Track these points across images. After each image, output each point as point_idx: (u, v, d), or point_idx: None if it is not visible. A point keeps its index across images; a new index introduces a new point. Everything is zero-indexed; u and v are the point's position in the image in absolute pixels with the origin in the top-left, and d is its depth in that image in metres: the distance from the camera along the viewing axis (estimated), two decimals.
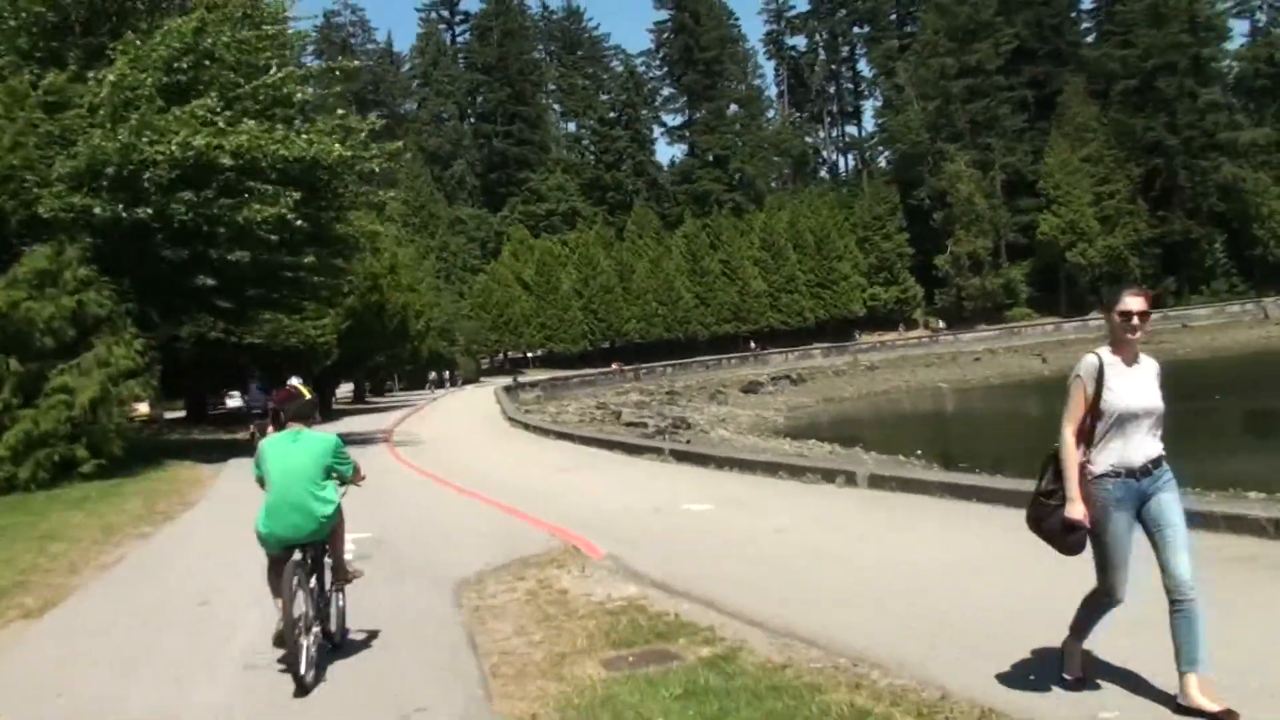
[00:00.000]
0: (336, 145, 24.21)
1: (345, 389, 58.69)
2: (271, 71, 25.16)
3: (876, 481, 13.21)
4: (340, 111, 26.83)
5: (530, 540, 10.92)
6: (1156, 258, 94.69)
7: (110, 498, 17.24)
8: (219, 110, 23.04)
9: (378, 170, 27.26)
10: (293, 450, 6.96)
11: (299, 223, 23.82)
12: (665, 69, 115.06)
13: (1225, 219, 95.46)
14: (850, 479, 13.53)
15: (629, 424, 42.23)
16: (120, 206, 22.13)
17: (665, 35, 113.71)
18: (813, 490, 13.87)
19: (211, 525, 14.21)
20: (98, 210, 21.94)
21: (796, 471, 15.30)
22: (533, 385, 65.75)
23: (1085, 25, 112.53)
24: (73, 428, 19.63)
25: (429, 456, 23.27)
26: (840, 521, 11.40)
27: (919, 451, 32.08)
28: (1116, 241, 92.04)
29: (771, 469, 16.14)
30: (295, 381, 7.79)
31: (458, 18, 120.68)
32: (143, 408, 32.26)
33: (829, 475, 14.17)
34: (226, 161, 22.20)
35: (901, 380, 71.94)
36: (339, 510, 7.09)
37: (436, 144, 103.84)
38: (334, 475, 7.12)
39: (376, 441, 29.24)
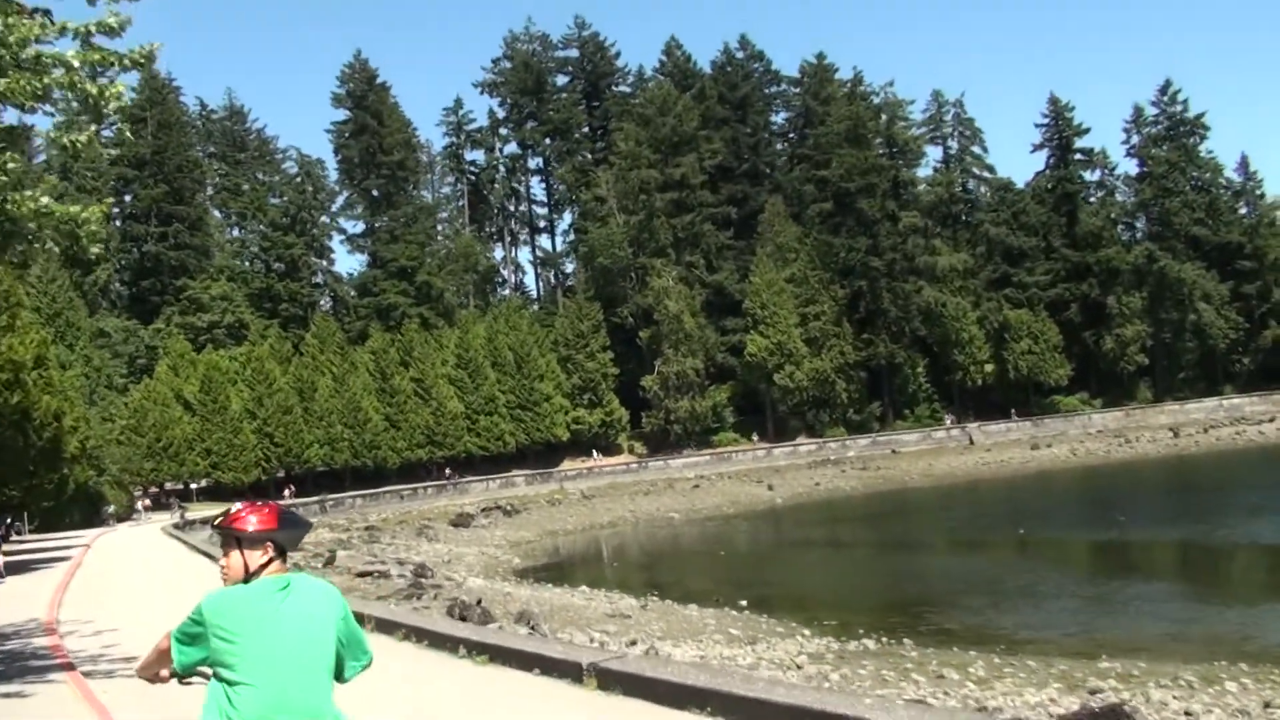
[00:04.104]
0: None
1: None
2: None
3: None
4: None
5: None
6: (863, 381, 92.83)
7: None
8: None
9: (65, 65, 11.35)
10: (286, 614, 4.02)
11: None
12: (345, 172, 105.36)
13: (926, 343, 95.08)
14: None
15: (361, 573, 32.62)
16: None
17: (345, 137, 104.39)
18: None
19: None
20: None
21: None
22: (204, 522, 54.86)
23: (779, 147, 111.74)
24: None
25: None
26: None
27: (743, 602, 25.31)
28: (824, 364, 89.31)
29: None
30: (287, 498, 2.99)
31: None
32: None
33: None
34: None
35: (624, 510, 66.14)
36: None
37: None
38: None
39: (38, 661, 14.02)
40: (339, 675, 4.25)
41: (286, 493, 72.07)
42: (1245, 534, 35.20)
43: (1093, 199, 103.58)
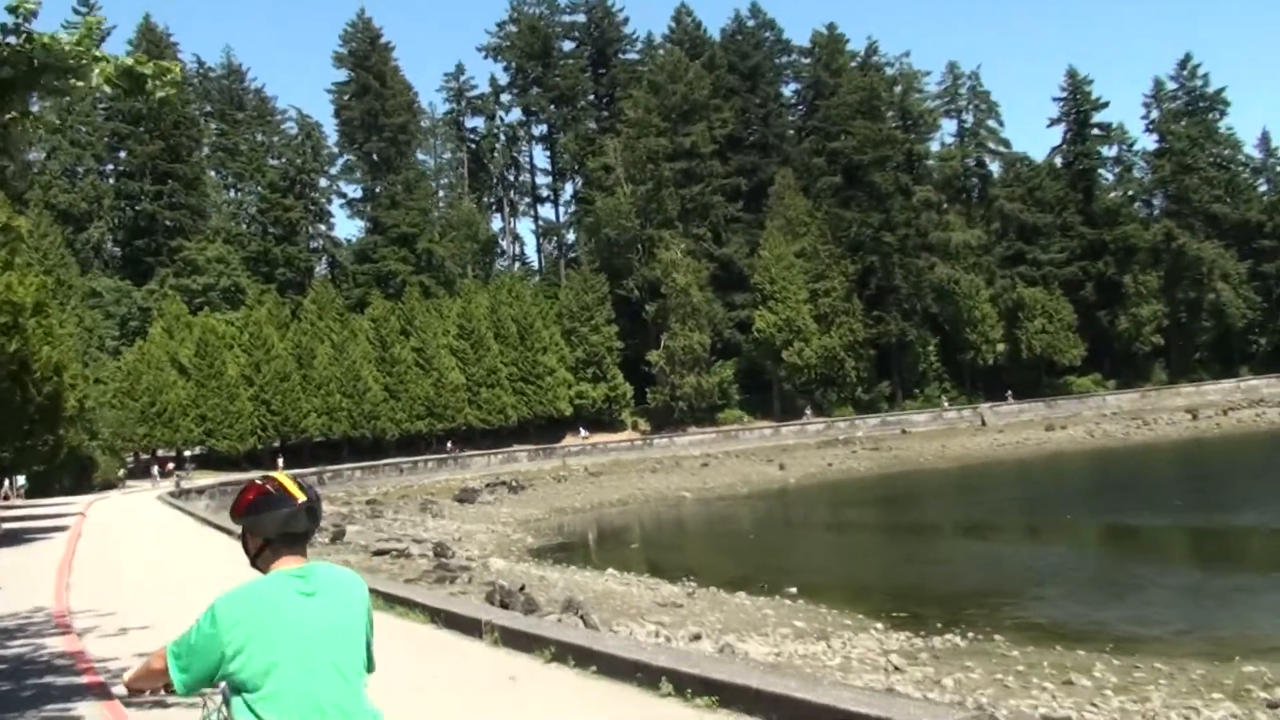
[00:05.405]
0: None
1: None
2: None
3: None
4: None
5: None
6: (872, 359, 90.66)
7: None
8: None
9: None
10: (310, 612, 3.43)
11: None
12: (345, 135, 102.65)
13: (937, 321, 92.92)
14: None
15: (378, 552, 30.48)
16: None
17: (345, 98, 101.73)
18: None
19: None
20: None
21: None
22: (199, 492, 52.79)
23: (790, 118, 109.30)
24: None
25: None
26: None
27: (793, 589, 23.11)
28: (833, 342, 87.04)
29: None
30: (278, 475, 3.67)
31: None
32: None
33: None
34: None
35: (633, 488, 64.22)
36: None
37: (69, 201, 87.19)
38: None
39: (57, 678, 10.39)
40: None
41: (279, 463, 69.81)
42: None
43: (1110, 175, 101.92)
